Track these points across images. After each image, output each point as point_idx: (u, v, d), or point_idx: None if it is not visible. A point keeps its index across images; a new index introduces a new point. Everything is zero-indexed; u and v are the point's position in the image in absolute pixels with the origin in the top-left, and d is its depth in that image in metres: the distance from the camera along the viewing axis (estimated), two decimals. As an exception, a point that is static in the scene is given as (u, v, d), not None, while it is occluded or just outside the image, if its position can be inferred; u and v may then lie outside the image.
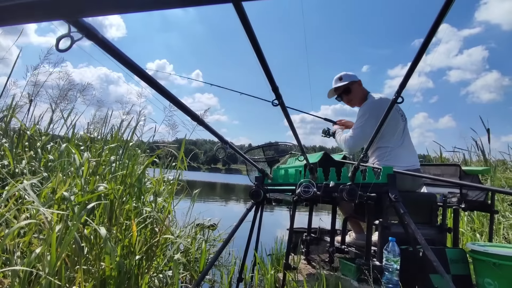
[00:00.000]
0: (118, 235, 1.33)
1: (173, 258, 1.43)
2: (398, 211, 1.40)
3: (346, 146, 2.16)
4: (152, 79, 0.50)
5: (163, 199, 1.94)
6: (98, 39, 0.41)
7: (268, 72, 0.56)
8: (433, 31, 0.53)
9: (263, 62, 0.52)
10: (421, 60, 0.60)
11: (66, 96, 3.21)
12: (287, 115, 0.79)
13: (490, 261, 1.54)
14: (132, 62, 0.46)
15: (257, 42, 0.49)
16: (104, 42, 0.42)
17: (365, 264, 1.70)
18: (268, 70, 0.55)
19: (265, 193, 1.55)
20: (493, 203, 2.19)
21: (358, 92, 2.23)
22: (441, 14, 0.50)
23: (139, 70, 0.47)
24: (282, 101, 0.68)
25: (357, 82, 2.21)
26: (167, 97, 0.58)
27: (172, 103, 0.62)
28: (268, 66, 0.55)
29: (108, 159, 1.55)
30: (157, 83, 0.52)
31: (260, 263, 2.27)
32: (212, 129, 0.78)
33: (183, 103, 0.63)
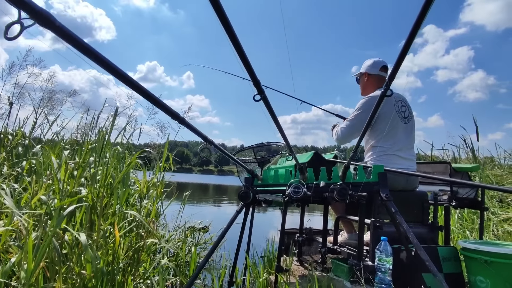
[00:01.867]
0: (100, 240, 1.27)
1: (159, 264, 1.38)
2: (390, 210, 1.38)
3: (335, 138, 2.17)
4: (120, 71, 0.45)
5: (149, 202, 1.88)
6: (55, 27, 0.36)
7: (247, 65, 0.51)
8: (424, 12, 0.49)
9: (241, 53, 0.48)
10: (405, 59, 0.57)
11: (52, 99, 3.12)
12: (271, 111, 0.75)
13: (482, 258, 1.53)
14: (96, 52, 0.42)
15: (233, 30, 0.45)
16: (63, 30, 0.38)
17: (357, 265, 1.68)
18: (247, 63, 0.51)
19: (255, 194, 1.51)
20: (483, 200, 2.20)
21: (363, 84, 2.20)
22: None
23: (105, 61, 0.43)
24: (265, 96, 0.63)
25: (363, 74, 2.18)
26: (141, 92, 0.54)
27: (146, 99, 0.57)
28: (247, 58, 0.50)
29: (87, 160, 1.48)
30: (127, 76, 0.47)
31: (251, 266, 2.23)
32: (194, 128, 0.74)
33: (159, 100, 0.58)
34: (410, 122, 2.08)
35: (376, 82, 2.14)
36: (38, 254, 0.99)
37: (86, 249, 1.05)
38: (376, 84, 2.13)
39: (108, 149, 1.72)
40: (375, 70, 2.13)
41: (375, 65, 2.14)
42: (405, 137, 2.02)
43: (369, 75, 2.15)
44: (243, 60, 0.50)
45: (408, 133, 2.06)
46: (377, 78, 2.14)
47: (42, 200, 1.19)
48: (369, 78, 2.16)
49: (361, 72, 2.20)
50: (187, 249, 2.47)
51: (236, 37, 0.46)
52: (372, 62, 2.15)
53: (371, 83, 2.15)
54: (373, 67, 2.14)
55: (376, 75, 2.14)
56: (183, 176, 20.45)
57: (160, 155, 2.75)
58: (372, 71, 2.14)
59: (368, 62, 2.18)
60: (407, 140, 2.04)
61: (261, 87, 0.60)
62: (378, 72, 2.13)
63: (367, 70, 2.16)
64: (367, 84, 2.16)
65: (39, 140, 2.17)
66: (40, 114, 3.04)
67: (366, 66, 2.17)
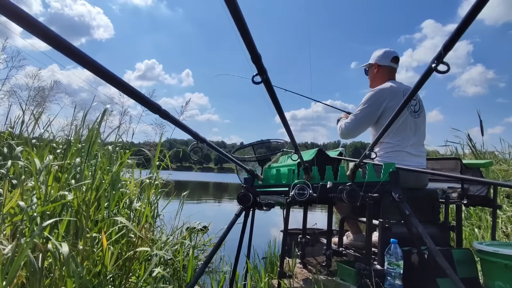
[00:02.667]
0: (87, 249, 1.15)
1: (152, 274, 1.26)
2: (403, 212, 1.26)
3: (339, 132, 2.07)
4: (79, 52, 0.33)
5: (142, 205, 1.76)
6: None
7: (245, 33, 0.38)
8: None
9: (240, 22, 0.35)
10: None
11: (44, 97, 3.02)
12: (274, 96, 0.61)
13: (501, 262, 1.42)
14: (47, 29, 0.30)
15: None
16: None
17: (365, 269, 1.57)
18: (247, 33, 0.38)
19: (255, 196, 1.39)
20: (495, 197, 2.09)
21: (372, 75, 2.08)
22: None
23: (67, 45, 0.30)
24: (267, 78, 0.50)
25: (373, 65, 2.06)
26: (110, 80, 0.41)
27: (120, 91, 0.45)
28: (247, 28, 0.38)
29: (73, 162, 1.36)
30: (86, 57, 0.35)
31: (252, 269, 2.12)
32: (182, 124, 0.62)
33: (136, 90, 0.46)
34: (421, 117, 1.96)
35: (386, 73, 2.01)
36: (12, 269, 0.87)
37: (67, 263, 0.93)
38: (387, 76, 2.01)
39: (96, 149, 1.60)
40: (386, 61, 2.01)
41: (386, 55, 2.01)
42: (414, 132, 1.91)
43: (379, 66, 2.02)
44: (239, 26, 0.37)
45: (418, 128, 1.94)
46: (387, 70, 2.01)
47: (21, 206, 1.07)
48: (379, 69, 2.03)
49: (371, 63, 2.07)
50: (185, 252, 2.36)
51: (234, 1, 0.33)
52: (383, 53, 2.02)
53: (381, 75, 2.02)
54: (384, 57, 2.01)
55: (387, 66, 2.01)
56: (183, 174, 20.36)
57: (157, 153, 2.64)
58: (382, 62, 2.01)
59: (378, 52, 2.05)
60: (416, 135, 1.92)
61: (263, 65, 0.47)
62: (389, 63, 2.00)
63: (377, 61, 2.03)
64: (377, 75, 2.04)
65: (26, 139, 2.05)
66: (32, 112, 2.93)
67: (376, 57, 2.04)
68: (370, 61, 2.08)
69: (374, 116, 1.93)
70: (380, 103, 1.90)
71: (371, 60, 2.08)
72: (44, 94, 2.98)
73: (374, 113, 1.92)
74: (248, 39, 0.40)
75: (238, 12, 0.35)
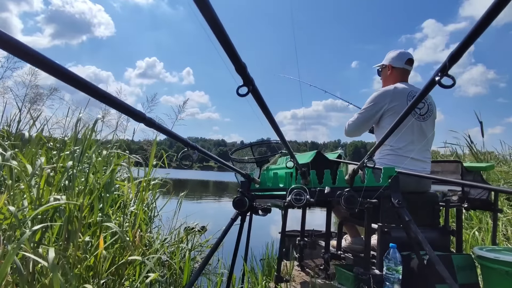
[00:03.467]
0: (78, 255, 1.13)
1: (145, 280, 1.24)
2: (403, 218, 1.23)
3: (345, 130, 2.07)
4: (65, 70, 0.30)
5: (137, 208, 1.73)
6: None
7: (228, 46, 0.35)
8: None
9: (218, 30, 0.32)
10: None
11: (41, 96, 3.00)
12: (263, 106, 0.57)
13: (502, 269, 1.39)
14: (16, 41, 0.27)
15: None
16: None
17: (364, 274, 1.54)
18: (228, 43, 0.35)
19: (251, 201, 1.36)
20: (496, 201, 2.06)
21: (385, 77, 2.05)
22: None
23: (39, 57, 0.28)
24: (254, 88, 0.46)
25: (387, 67, 2.02)
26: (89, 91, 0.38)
27: (106, 103, 0.42)
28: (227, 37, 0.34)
29: (65, 165, 1.33)
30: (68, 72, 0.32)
31: (249, 272, 2.10)
32: (170, 132, 0.59)
33: (118, 100, 0.43)
34: (429, 120, 1.91)
35: (399, 75, 1.97)
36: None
37: (54, 270, 0.90)
38: (399, 78, 1.97)
39: (91, 150, 1.57)
40: (401, 63, 1.96)
41: (401, 57, 1.97)
42: (419, 136, 1.86)
43: (393, 68, 1.99)
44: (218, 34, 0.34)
45: (424, 132, 1.89)
46: (401, 72, 1.98)
47: (10, 211, 1.05)
48: (393, 71, 1.99)
49: (384, 64, 2.03)
50: (181, 254, 2.34)
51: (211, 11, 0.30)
52: (398, 54, 1.98)
53: (394, 77, 1.98)
54: (399, 59, 1.97)
55: (401, 68, 1.97)
56: (182, 173, 20.28)
57: (156, 153, 2.61)
58: (397, 64, 1.97)
59: (392, 53, 2.01)
60: (421, 139, 1.87)
61: (248, 75, 0.43)
62: (404, 66, 1.96)
63: (391, 63, 1.99)
64: (390, 77, 2.00)
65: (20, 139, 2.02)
66: (27, 111, 2.90)
67: (390, 58, 2.00)
68: (384, 62, 2.04)
69: (374, 117, 1.92)
70: (380, 105, 1.88)
71: (384, 61, 2.04)
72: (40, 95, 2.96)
73: (374, 115, 1.91)
74: (230, 48, 0.37)
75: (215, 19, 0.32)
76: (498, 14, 0.36)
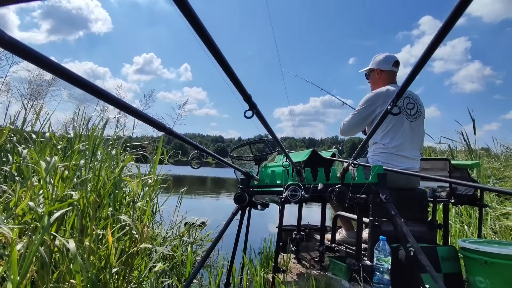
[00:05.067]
0: (92, 246, 1.23)
1: (153, 269, 1.34)
2: (389, 212, 1.34)
3: (340, 130, 2.16)
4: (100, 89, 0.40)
5: (143, 203, 1.83)
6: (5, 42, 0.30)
7: (234, 79, 0.46)
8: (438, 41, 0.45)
9: (228, 70, 0.43)
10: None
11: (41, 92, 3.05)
12: (266, 124, 0.70)
13: (482, 259, 1.51)
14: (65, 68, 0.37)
15: (216, 46, 0.40)
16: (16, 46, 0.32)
17: (355, 264, 1.65)
18: (234, 76, 0.46)
19: (251, 196, 1.47)
20: (482, 197, 2.18)
21: (374, 80, 2.13)
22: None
23: (76, 77, 0.37)
24: (258, 111, 0.58)
25: (375, 71, 2.11)
26: (124, 109, 0.48)
27: (130, 115, 0.52)
28: (233, 71, 0.45)
29: (78, 163, 1.43)
30: (106, 93, 0.42)
31: (248, 264, 2.21)
32: (184, 138, 0.69)
33: (144, 114, 0.53)
34: (418, 120, 2.00)
35: (388, 77, 2.07)
36: (25, 264, 0.95)
37: (75, 258, 1.01)
38: (388, 80, 2.06)
39: (100, 150, 1.66)
40: (388, 66, 2.06)
41: (388, 60, 2.06)
42: (410, 135, 1.96)
43: (382, 71, 2.07)
44: (228, 73, 0.45)
45: (414, 131, 1.99)
46: (389, 74, 2.07)
47: (30, 206, 1.14)
48: (381, 74, 2.08)
49: (372, 68, 2.12)
50: (183, 247, 2.44)
51: (220, 52, 0.40)
52: (384, 57, 2.07)
53: (383, 79, 2.07)
54: (386, 62, 2.06)
55: (389, 70, 2.06)
56: (180, 169, 20.31)
57: (156, 150, 2.70)
58: (384, 67, 2.06)
59: (379, 57, 2.10)
60: (412, 138, 1.97)
61: (253, 101, 0.55)
62: (391, 68, 2.06)
63: (379, 66, 2.08)
64: (379, 80, 2.09)
65: (26, 136, 2.10)
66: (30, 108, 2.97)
67: (377, 62, 2.09)
68: (371, 66, 2.12)
69: (368, 118, 2.01)
70: (374, 106, 1.96)
71: (372, 65, 2.12)
72: (42, 90, 3.01)
73: (368, 116, 1.99)
74: (238, 84, 0.47)
75: (228, 66, 0.42)
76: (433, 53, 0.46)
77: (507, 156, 5.18)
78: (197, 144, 0.77)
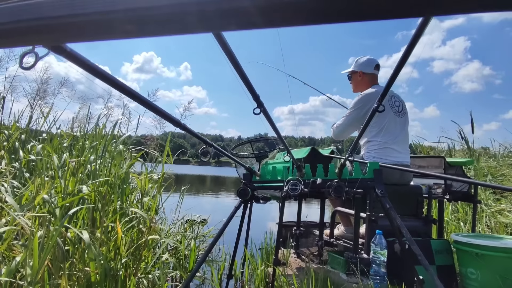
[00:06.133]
0: (103, 237, 1.30)
1: (160, 259, 1.42)
2: (384, 206, 1.42)
3: (332, 133, 2.24)
4: (132, 91, 0.47)
5: (149, 198, 1.91)
6: (67, 53, 0.37)
7: (246, 80, 0.54)
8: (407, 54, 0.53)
9: (241, 73, 0.50)
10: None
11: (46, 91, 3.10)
12: (271, 122, 0.78)
13: (473, 251, 1.58)
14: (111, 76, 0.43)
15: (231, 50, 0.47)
16: (75, 56, 0.39)
17: (353, 258, 1.72)
18: (246, 78, 0.53)
19: (253, 191, 1.54)
20: (476, 193, 2.26)
21: (356, 82, 2.23)
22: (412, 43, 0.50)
23: (119, 83, 0.44)
24: (264, 109, 0.66)
25: (357, 73, 2.20)
26: (146, 105, 0.55)
27: (151, 111, 0.59)
28: (247, 77, 0.53)
29: (88, 159, 1.50)
30: (135, 93, 0.49)
31: (250, 258, 2.28)
32: (195, 133, 0.76)
33: (162, 110, 0.60)
34: (404, 117, 2.12)
35: (369, 80, 2.17)
36: (44, 253, 1.01)
37: (89, 247, 1.08)
38: (370, 82, 2.17)
39: (108, 147, 1.73)
40: (370, 69, 2.17)
41: (370, 63, 2.17)
42: (400, 131, 2.07)
43: (364, 73, 2.18)
44: (241, 76, 0.52)
45: (402, 127, 2.10)
46: (371, 77, 2.18)
47: (44, 199, 1.21)
48: (364, 76, 2.19)
49: (354, 70, 2.21)
50: (186, 242, 2.52)
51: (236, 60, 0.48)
52: (366, 60, 2.18)
53: (365, 82, 2.18)
54: (368, 65, 2.17)
55: (370, 73, 2.17)
56: (181, 168, 20.46)
57: (159, 148, 2.76)
58: (366, 70, 2.17)
59: (361, 60, 2.20)
60: (401, 134, 2.08)
61: (261, 100, 0.62)
62: (373, 71, 2.17)
63: (361, 69, 2.18)
64: (361, 82, 2.19)
65: (35, 133, 2.17)
66: (35, 107, 3.02)
67: (359, 64, 2.19)
68: (354, 69, 2.21)
69: (359, 120, 2.08)
70: (366, 108, 2.04)
71: (354, 68, 2.21)
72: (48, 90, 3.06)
73: (361, 118, 2.07)
74: (249, 84, 0.55)
75: (239, 66, 0.49)
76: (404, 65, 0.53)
77: (504, 155, 5.26)
78: (207, 139, 0.85)
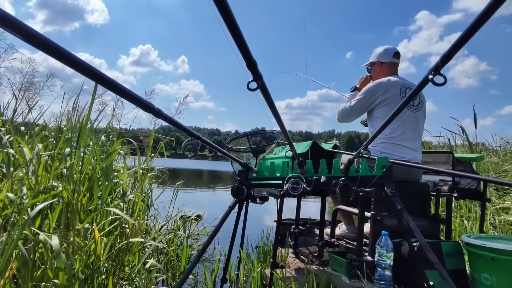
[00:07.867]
0: (78, 241, 1.15)
1: (145, 266, 1.27)
2: (395, 207, 1.28)
3: (338, 116, 2.16)
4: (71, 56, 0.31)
5: (135, 195, 1.75)
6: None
7: (239, 39, 0.37)
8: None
9: (232, 25, 0.34)
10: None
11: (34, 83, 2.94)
12: (270, 101, 0.61)
13: (488, 255, 1.45)
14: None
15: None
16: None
17: (356, 260, 1.60)
18: (239, 35, 0.37)
19: (249, 189, 1.39)
20: (485, 191, 2.13)
21: (376, 73, 2.15)
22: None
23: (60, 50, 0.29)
24: (263, 83, 0.49)
25: (376, 63, 2.13)
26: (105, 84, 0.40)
27: (110, 90, 0.43)
28: (239, 31, 0.37)
29: (63, 153, 1.33)
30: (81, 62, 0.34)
31: (245, 259, 2.15)
32: (176, 122, 0.61)
33: (128, 90, 0.45)
34: (420, 112, 2.00)
35: (389, 69, 2.08)
36: (2, 260, 0.86)
37: (58, 255, 0.93)
38: (390, 71, 2.07)
39: (91, 136, 1.56)
40: (388, 58, 2.07)
41: (388, 52, 2.08)
42: (412, 126, 1.95)
43: (382, 63, 2.09)
44: (232, 31, 0.36)
45: (416, 122, 1.98)
46: (390, 65, 2.08)
47: (9, 198, 1.06)
48: (382, 66, 2.09)
49: (373, 61, 2.13)
50: (178, 241, 2.37)
51: (227, 8, 0.32)
52: (384, 50, 2.09)
53: (384, 71, 2.08)
54: (386, 54, 2.08)
55: (390, 62, 2.07)
56: (177, 162, 20.26)
57: (153, 144, 2.61)
58: (385, 59, 2.08)
59: (379, 50, 2.12)
60: (414, 129, 1.96)
61: (258, 71, 0.46)
62: (392, 59, 2.07)
63: (379, 59, 2.09)
64: (381, 72, 2.09)
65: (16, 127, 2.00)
66: (21, 99, 2.85)
67: (377, 55, 2.11)
68: (372, 60, 2.13)
69: (366, 107, 2.01)
70: (374, 96, 1.96)
71: (373, 59, 2.13)
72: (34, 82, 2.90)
73: (368, 105, 2.00)
74: (243, 45, 0.39)
75: (231, 18, 0.34)
76: (490, 16, 0.38)
77: (506, 151, 5.16)
78: (192, 130, 0.69)
